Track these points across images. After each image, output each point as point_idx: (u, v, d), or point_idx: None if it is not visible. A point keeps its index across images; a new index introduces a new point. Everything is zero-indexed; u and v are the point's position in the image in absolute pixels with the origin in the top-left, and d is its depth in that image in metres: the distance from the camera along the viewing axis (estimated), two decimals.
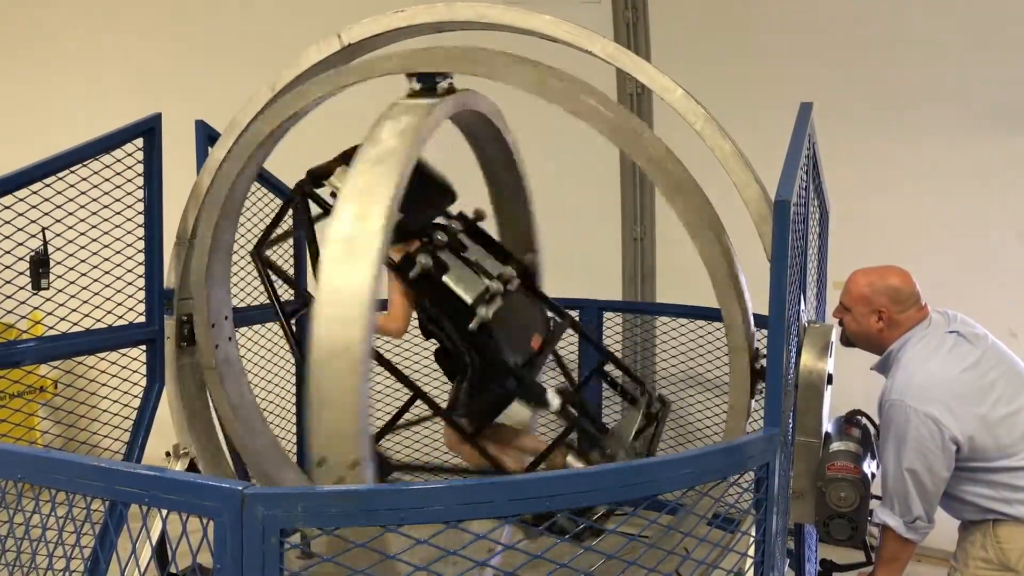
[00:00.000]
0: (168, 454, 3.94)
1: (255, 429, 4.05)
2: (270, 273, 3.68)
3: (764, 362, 3.07)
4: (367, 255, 2.70)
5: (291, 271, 4.83)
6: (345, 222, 2.76)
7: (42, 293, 3.68)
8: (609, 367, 4.13)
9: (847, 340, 3.39)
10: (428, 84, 3.34)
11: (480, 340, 3.46)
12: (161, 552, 3.48)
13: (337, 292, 2.68)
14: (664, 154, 3.35)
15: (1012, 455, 3.07)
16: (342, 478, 2.59)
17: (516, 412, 3.86)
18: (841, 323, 3.36)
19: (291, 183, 4.77)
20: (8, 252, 3.50)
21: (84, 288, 3.74)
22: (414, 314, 3.55)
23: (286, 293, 4.71)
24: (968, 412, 3.06)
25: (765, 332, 2.66)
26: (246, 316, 4.47)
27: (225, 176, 3.70)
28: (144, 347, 3.97)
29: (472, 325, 3.43)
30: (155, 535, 2.89)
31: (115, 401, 3.96)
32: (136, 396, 3.96)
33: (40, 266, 3.64)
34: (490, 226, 4.09)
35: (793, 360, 2.90)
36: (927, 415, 3.03)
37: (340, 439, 2.61)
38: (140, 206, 3.90)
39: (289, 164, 4.75)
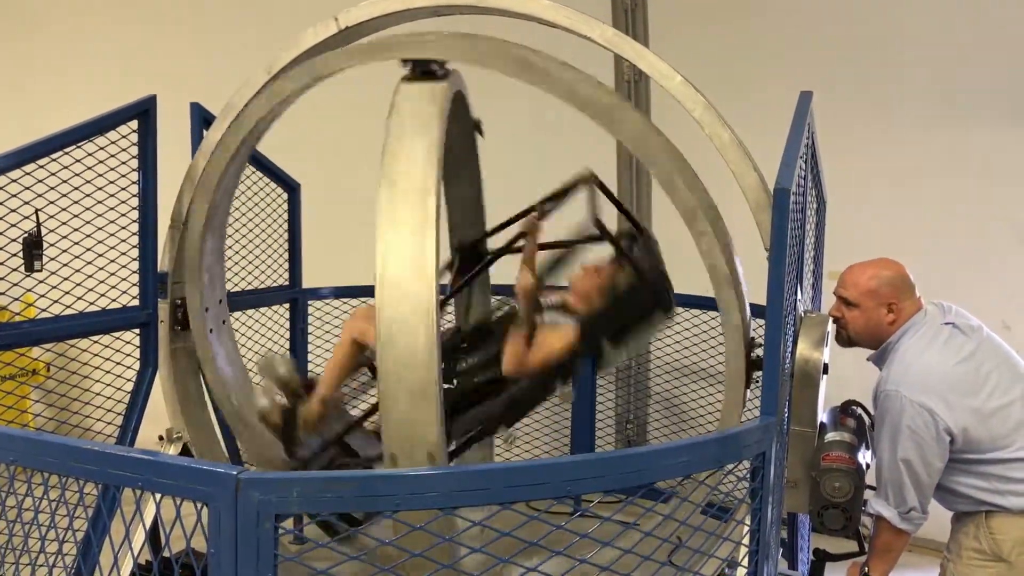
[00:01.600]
0: (161, 438, 3.93)
1: (248, 414, 4.04)
2: None
3: (760, 352, 3.07)
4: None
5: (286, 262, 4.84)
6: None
7: (35, 275, 3.65)
8: None
9: (847, 339, 3.37)
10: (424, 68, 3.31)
11: None
12: (155, 536, 3.48)
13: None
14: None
15: (1005, 447, 3.07)
16: None
17: None
18: (837, 321, 3.34)
19: (295, 174, 4.78)
20: (1, 234, 3.48)
21: (77, 271, 3.71)
22: None
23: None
24: (962, 404, 3.06)
25: (762, 321, 2.65)
26: (242, 300, 4.46)
27: (217, 160, 3.68)
28: (137, 331, 3.95)
29: None
30: (148, 519, 2.89)
31: (108, 385, 3.93)
32: (129, 380, 3.94)
33: (33, 248, 3.62)
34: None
35: (789, 349, 2.90)
36: (922, 406, 3.03)
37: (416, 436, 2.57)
38: (134, 188, 3.87)
39: (292, 154, 4.76)
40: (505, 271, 3.88)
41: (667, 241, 5.94)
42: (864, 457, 3.10)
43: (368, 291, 5.20)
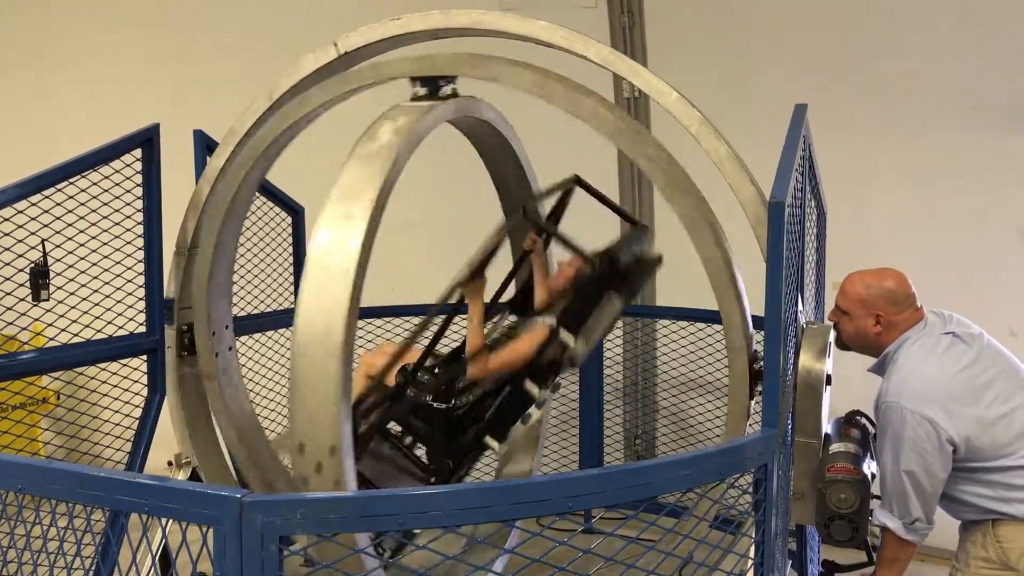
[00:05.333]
0: (170, 464, 3.95)
1: (253, 440, 4.06)
2: None
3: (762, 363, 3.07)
4: (347, 249, 2.75)
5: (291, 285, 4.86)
6: (330, 218, 2.83)
7: (42, 304, 3.69)
8: None
9: (843, 344, 3.38)
10: (431, 88, 3.39)
11: None
12: (163, 561, 3.50)
13: (321, 282, 2.74)
14: (663, 154, 3.40)
15: (1009, 455, 3.06)
16: (320, 463, 2.61)
17: None
18: (836, 326, 3.35)
19: (298, 197, 4.82)
20: (8, 264, 3.51)
21: (84, 299, 3.75)
22: None
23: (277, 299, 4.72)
24: (964, 413, 3.05)
25: (763, 333, 2.66)
26: (246, 325, 4.48)
27: (228, 184, 3.73)
28: (145, 357, 3.98)
29: None
30: (156, 545, 2.90)
31: (116, 411, 3.96)
32: (137, 406, 3.97)
33: (40, 277, 3.66)
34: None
35: (791, 361, 2.91)
36: (923, 416, 3.02)
37: (319, 424, 2.63)
38: (139, 216, 3.91)
39: (296, 178, 4.79)
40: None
41: (668, 248, 5.95)
42: (869, 467, 3.09)
43: (372, 312, 5.22)
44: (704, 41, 5.80)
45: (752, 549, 2.52)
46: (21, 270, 3.60)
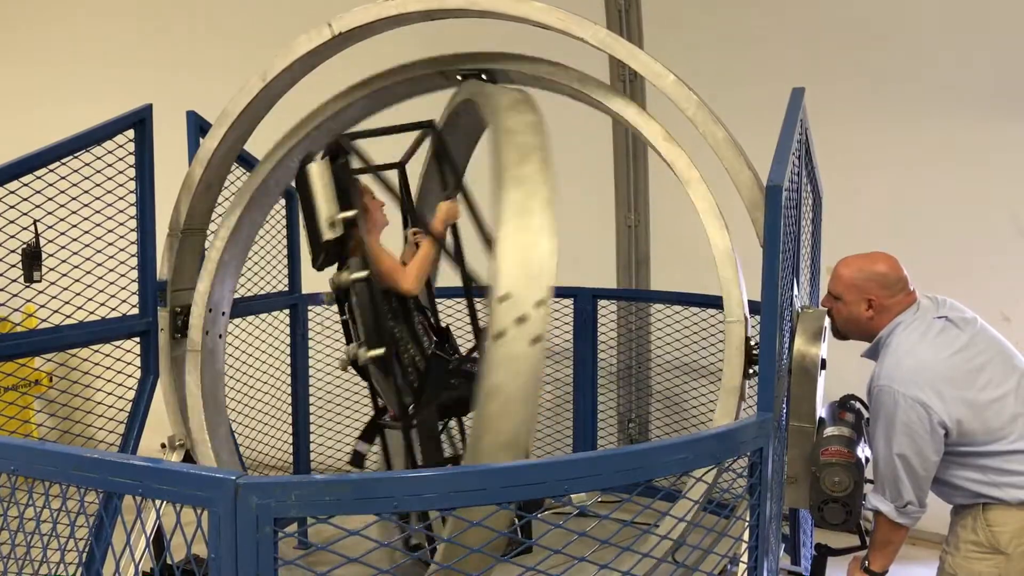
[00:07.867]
0: (163, 446, 3.94)
1: (216, 420, 4.06)
2: None
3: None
4: None
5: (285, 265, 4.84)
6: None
7: (35, 286, 3.67)
8: None
9: (838, 332, 3.38)
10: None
11: None
12: (156, 543, 3.49)
13: None
14: None
15: (1000, 439, 3.06)
16: (525, 315, 2.71)
17: None
18: (830, 312, 3.34)
19: None
20: (0, 245, 3.49)
21: (77, 280, 3.73)
22: None
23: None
24: (956, 396, 3.05)
25: (759, 318, 2.66)
26: (237, 308, 4.47)
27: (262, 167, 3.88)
28: (138, 339, 3.96)
29: None
30: (150, 526, 2.90)
31: (110, 394, 3.95)
32: (131, 388, 3.96)
33: (33, 259, 3.64)
34: None
35: (786, 345, 2.91)
36: (915, 400, 3.02)
37: (530, 278, 2.75)
38: (132, 197, 3.89)
39: None
40: None
41: (666, 237, 5.95)
42: (863, 451, 3.10)
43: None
44: (701, 23, 5.79)
45: (746, 532, 2.52)
46: (13, 251, 3.57)
